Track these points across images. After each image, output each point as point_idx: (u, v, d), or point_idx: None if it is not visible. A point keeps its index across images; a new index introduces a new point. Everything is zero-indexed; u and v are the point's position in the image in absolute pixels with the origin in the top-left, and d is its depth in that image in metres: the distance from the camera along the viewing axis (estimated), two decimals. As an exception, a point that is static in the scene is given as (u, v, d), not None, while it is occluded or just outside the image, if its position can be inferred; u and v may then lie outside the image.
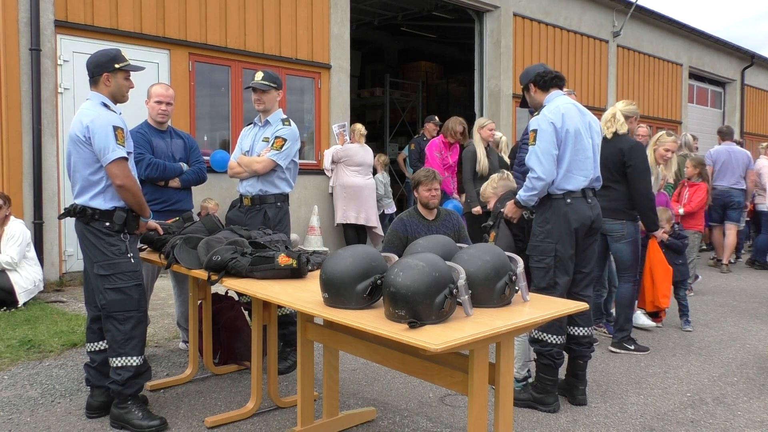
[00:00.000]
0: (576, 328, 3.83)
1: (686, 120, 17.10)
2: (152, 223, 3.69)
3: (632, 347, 4.86)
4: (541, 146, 3.65)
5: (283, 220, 4.41)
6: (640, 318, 5.54)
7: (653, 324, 5.57)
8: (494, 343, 2.47)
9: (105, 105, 3.38)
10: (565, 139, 3.67)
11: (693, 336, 5.41)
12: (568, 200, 3.69)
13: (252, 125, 4.57)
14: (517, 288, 2.63)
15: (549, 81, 3.82)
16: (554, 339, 3.69)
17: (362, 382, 4.16)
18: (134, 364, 3.37)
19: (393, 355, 2.79)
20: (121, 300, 3.36)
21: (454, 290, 2.35)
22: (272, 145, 4.30)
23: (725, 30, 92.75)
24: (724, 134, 9.13)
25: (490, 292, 2.55)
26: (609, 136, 4.60)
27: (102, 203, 3.36)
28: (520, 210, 3.87)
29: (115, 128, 3.31)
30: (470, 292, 2.43)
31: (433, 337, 2.13)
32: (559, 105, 3.73)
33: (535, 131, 3.71)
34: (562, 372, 3.89)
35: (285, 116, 4.46)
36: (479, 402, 2.41)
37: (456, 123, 7.52)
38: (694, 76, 17.61)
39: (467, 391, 2.43)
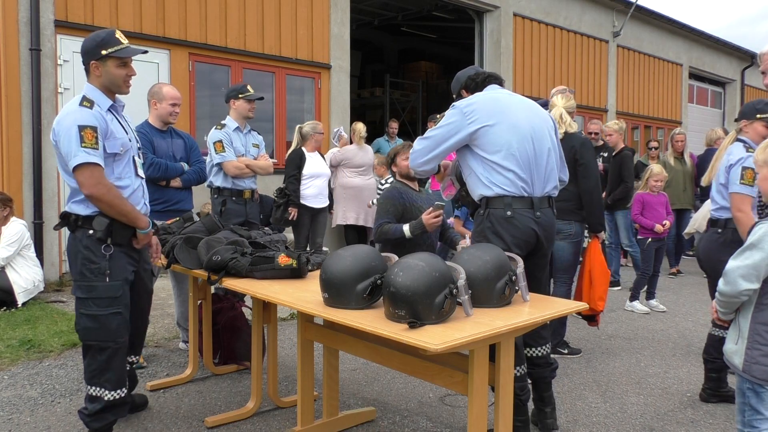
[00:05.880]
0: (529, 350, 3.33)
1: (686, 120, 17.11)
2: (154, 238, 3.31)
3: (565, 351, 4.75)
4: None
5: None
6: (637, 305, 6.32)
7: (646, 309, 6.29)
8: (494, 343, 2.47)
9: (85, 99, 2.90)
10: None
11: (693, 336, 5.42)
12: (508, 212, 3.03)
13: (236, 131, 4.97)
14: (517, 288, 2.63)
15: (482, 81, 3.20)
16: (515, 371, 2.99)
17: (362, 382, 4.16)
18: (106, 398, 2.94)
19: (393, 355, 2.79)
20: (95, 329, 2.91)
21: (454, 290, 2.35)
22: (265, 151, 5.20)
23: (725, 30, 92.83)
24: None
25: (490, 292, 2.55)
26: (560, 136, 4.24)
27: (83, 208, 2.93)
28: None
29: (81, 128, 2.79)
30: (470, 292, 2.43)
31: (433, 337, 2.13)
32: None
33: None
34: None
35: None
36: (479, 402, 2.40)
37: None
38: (694, 76, 17.63)
39: (467, 391, 2.43)
